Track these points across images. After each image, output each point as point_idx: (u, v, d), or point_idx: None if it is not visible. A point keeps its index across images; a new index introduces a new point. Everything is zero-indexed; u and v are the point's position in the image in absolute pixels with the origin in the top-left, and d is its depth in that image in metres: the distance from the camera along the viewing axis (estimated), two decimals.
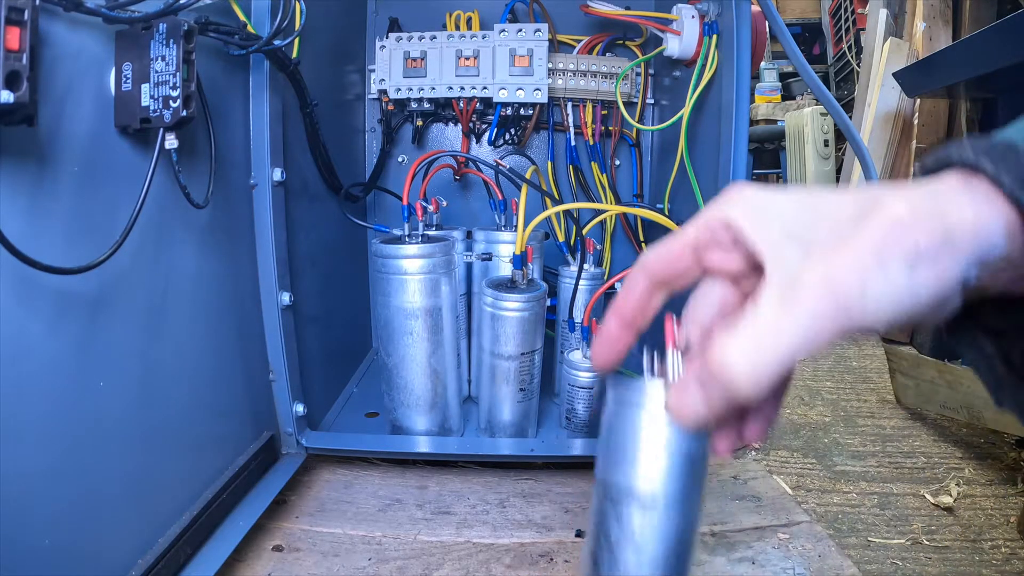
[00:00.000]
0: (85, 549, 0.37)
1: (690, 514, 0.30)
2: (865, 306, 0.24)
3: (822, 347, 0.24)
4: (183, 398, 0.47)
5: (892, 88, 1.48)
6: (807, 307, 0.24)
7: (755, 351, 0.25)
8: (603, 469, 0.31)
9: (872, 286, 0.24)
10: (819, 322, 0.24)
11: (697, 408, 0.27)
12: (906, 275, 0.24)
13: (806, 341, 0.24)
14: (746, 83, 0.55)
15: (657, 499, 0.30)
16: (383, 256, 0.61)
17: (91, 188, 0.37)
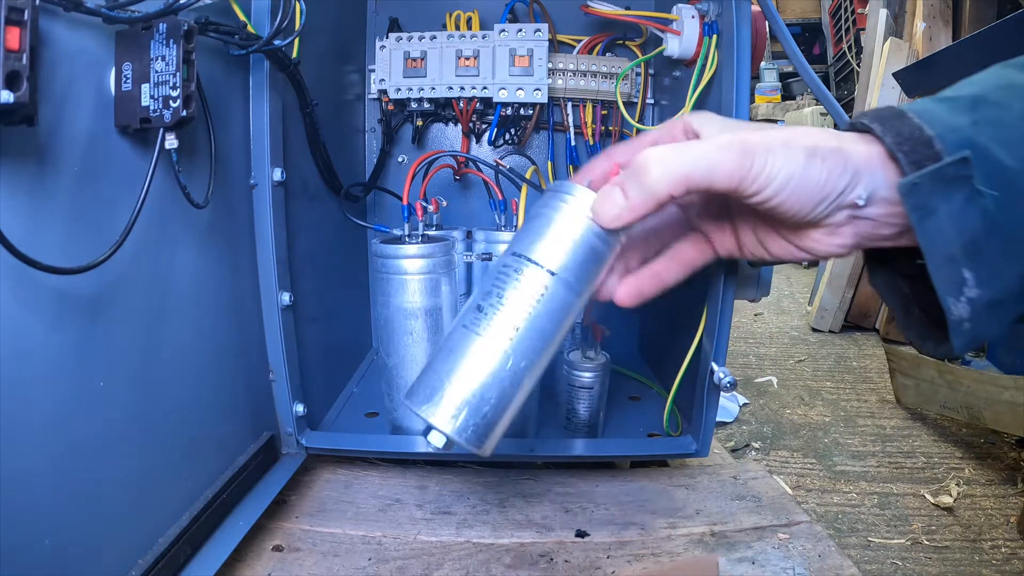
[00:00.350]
0: (85, 549, 0.37)
1: (570, 296, 0.35)
2: (765, 163, 0.32)
3: (720, 182, 0.32)
4: (183, 398, 0.47)
5: (892, 88, 1.48)
6: (720, 148, 0.32)
7: (670, 157, 0.32)
8: (518, 242, 0.36)
9: (775, 155, 0.32)
10: (725, 159, 0.32)
11: (614, 209, 0.34)
12: (803, 158, 0.32)
13: (712, 166, 0.32)
14: (746, 83, 0.55)
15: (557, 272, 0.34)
16: (383, 256, 0.61)
17: (91, 188, 0.37)
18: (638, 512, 0.59)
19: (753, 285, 0.63)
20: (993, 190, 0.30)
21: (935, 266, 0.31)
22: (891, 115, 0.33)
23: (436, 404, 0.34)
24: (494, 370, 0.34)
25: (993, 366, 1.39)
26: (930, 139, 0.31)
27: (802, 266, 2.47)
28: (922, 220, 0.31)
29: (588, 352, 0.64)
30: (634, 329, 0.96)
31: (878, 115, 0.33)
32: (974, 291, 0.30)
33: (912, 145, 0.31)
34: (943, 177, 0.30)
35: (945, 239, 0.31)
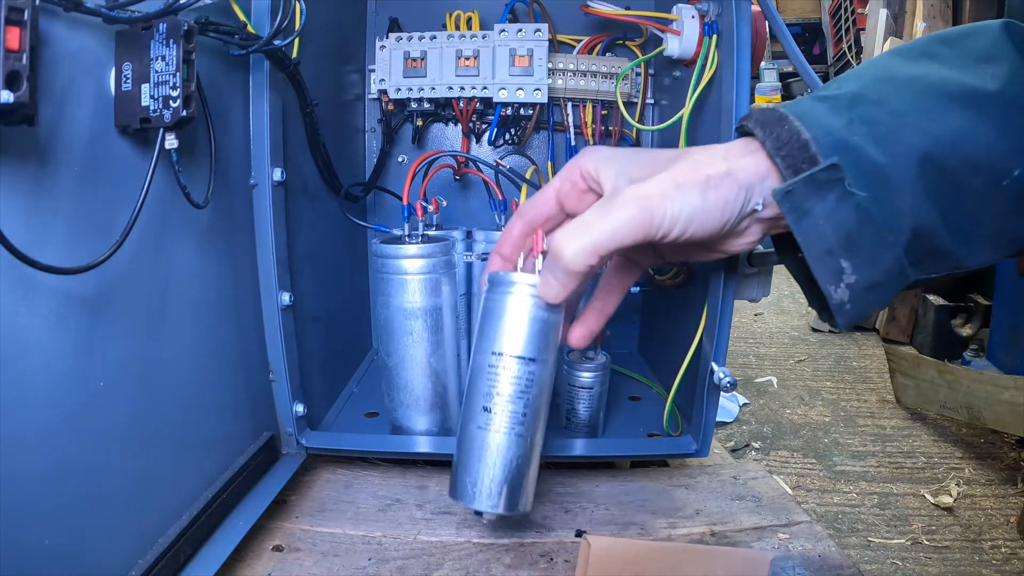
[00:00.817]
0: (85, 549, 0.37)
1: (546, 368, 0.42)
2: (665, 211, 0.35)
3: (628, 241, 0.36)
4: (183, 398, 0.47)
5: None
6: (619, 209, 0.36)
7: (577, 238, 0.36)
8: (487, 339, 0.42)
9: (671, 200, 0.35)
10: (627, 220, 0.35)
11: (551, 290, 0.39)
12: (698, 195, 0.35)
13: (616, 232, 0.36)
14: (746, 83, 0.55)
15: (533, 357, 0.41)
16: (383, 256, 0.61)
17: (91, 188, 0.37)
18: (638, 512, 0.59)
19: (753, 285, 0.63)
20: (865, 187, 0.33)
21: (813, 259, 0.34)
22: (773, 119, 0.36)
23: (484, 495, 0.42)
24: (517, 453, 0.42)
25: (993, 366, 1.39)
26: (806, 143, 0.34)
27: None
28: (798, 221, 0.34)
29: (588, 352, 0.65)
30: (634, 329, 0.96)
31: (760, 119, 0.36)
32: (852, 278, 0.34)
33: (789, 150, 0.34)
34: (816, 182, 0.33)
35: (821, 236, 0.34)
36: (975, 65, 0.34)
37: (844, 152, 0.33)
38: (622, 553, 0.41)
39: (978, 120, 0.33)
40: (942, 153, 0.33)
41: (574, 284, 0.39)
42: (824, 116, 0.35)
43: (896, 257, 0.34)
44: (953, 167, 0.33)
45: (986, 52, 0.35)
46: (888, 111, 0.34)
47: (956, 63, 0.35)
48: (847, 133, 0.34)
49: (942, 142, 0.33)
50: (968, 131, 0.33)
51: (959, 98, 0.33)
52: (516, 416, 0.41)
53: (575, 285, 0.39)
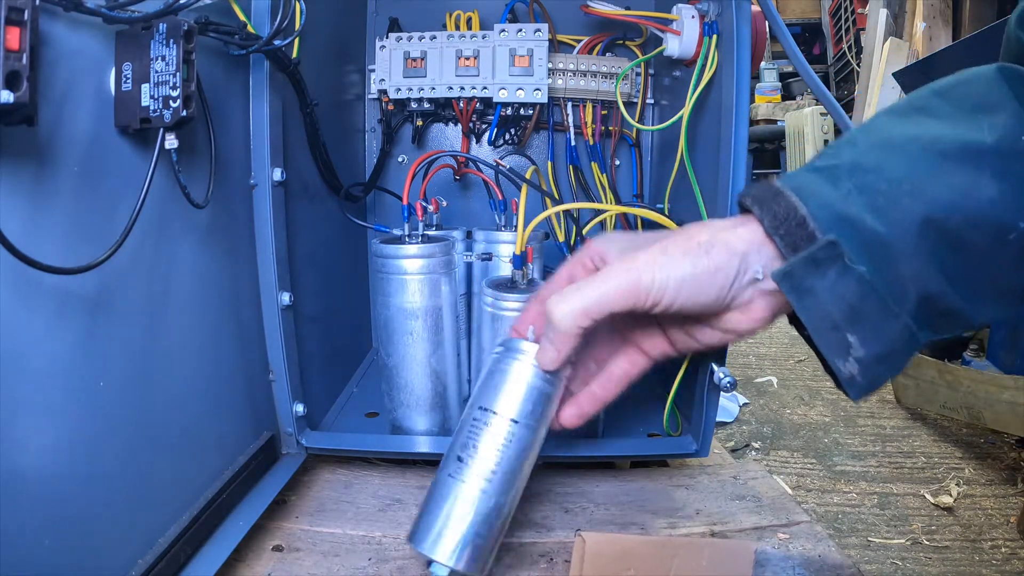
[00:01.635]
0: (85, 549, 0.37)
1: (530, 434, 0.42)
2: (653, 277, 0.35)
3: (617, 306, 0.36)
4: (183, 398, 0.47)
5: (892, 88, 1.48)
6: (608, 277, 0.37)
7: (567, 300, 0.37)
8: (482, 396, 0.43)
9: (659, 266, 0.35)
10: (616, 285, 0.36)
11: (547, 355, 0.40)
12: (688, 261, 0.35)
13: (604, 295, 0.36)
14: (746, 83, 0.55)
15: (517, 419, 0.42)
16: (383, 256, 0.61)
17: (91, 188, 0.37)
18: (638, 512, 0.59)
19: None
20: (866, 259, 0.33)
21: (818, 336, 0.34)
22: (769, 195, 0.36)
23: (438, 544, 0.41)
24: (479, 509, 0.41)
25: (993, 366, 1.39)
26: (803, 218, 0.34)
27: None
28: (800, 300, 0.34)
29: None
30: None
31: (757, 196, 0.36)
32: (860, 351, 0.33)
33: (788, 227, 0.34)
34: (814, 260, 0.33)
35: (824, 313, 0.33)
36: (971, 116, 0.34)
37: (842, 225, 0.33)
38: (614, 549, 0.42)
39: (978, 176, 0.32)
40: (943, 215, 0.32)
41: (568, 347, 0.40)
42: (821, 188, 0.34)
43: (904, 325, 0.33)
44: (955, 228, 0.32)
45: (982, 101, 0.34)
46: (885, 178, 0.33)
47: (951, 116, 0.34)
48: (844, 204, 0.33)
49: (942, 204, 0.32)
50: (968, 189, 0.32)
51: (956, 156, 0.32)
52: (486, 472, 0.41)
53: (569, 349, 0.40)
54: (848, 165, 0.35)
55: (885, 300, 0.32)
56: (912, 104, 0.37)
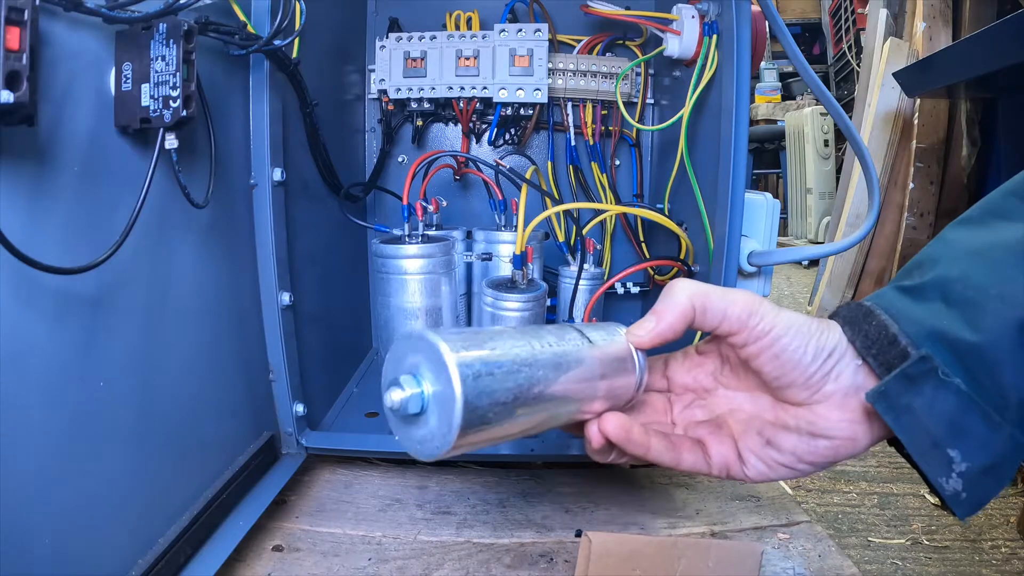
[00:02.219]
0: (85, 549, 0.37)
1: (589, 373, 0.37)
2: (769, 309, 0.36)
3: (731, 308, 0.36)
4: (183, 398, 0.47)
5: (892, 88, 1.48)
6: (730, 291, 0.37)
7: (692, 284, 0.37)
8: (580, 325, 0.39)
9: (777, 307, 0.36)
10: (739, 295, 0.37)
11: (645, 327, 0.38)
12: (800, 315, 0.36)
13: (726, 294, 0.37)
14: (746, 83, 0.55)
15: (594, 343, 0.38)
16: (383, 256, 0.61)
17: (91, 188, 0.37)
18: (638, 512, 0.60)
19: (753, 285, 0.63)
20: (962, 371, 0.32)
21: (919, 455, 0.33)
22: (859, 314, 0.36)
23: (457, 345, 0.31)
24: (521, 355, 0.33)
25: None
26: (895, 337, 0.33)
27: (802, 266, 2.47)
28: (897, 419, 0.33)
29: None
30: None
31: (848, 316, 0.36)
32: (963, 466, 0.32)
33: (880, 347, 0.34)
34: (908, 377, 0.32)
35: (924, 430, 0.32)
36: None
37: (934, 340, 0.32)
38: (621, 549, 0.42)
39: None
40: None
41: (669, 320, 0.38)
42: (910, 307, 0.34)
43: (1008, 434, 0.32)
44: None
45: None
46: (973, 287, 0.33)
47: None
48: (935, 320, 0.33)
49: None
50: None
51: None
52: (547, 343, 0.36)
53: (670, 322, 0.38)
54: (933, 282, 0.34)
55: (986, 411, 0.32)
56: (987, 209, 0.36)
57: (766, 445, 0.38)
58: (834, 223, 1.77)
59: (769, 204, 0.63)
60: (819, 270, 1.73)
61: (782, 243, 2.43)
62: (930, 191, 1.42)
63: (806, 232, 2.60)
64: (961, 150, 1.35)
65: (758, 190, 0.70)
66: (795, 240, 2.70)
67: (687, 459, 0.40)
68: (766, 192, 0.64)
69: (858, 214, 1.55)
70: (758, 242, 0.62)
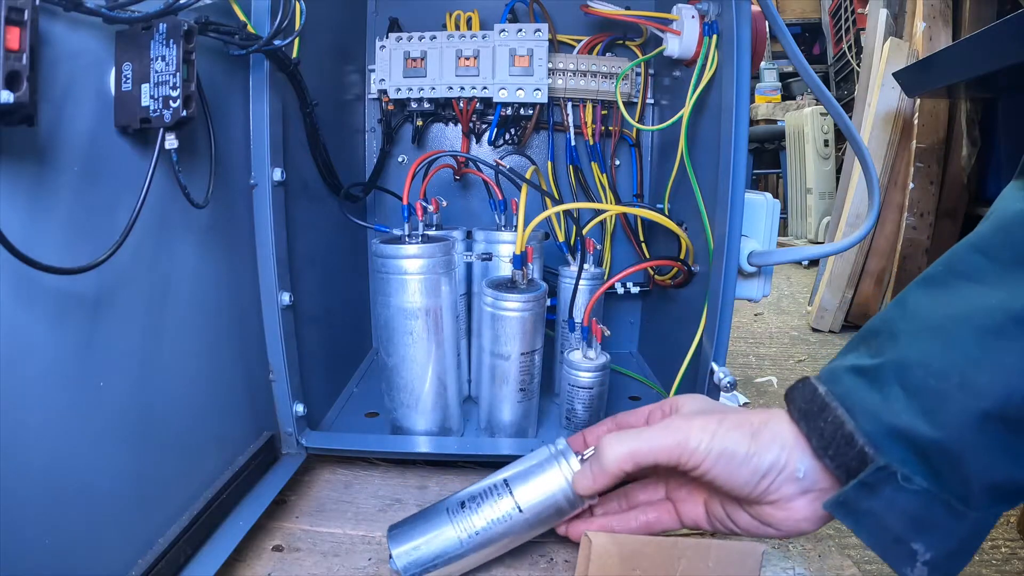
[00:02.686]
0: (85, 549, 0.37)
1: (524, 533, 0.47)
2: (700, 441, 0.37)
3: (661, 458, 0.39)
4: (183, 398, 0.47)
5: (892, 88, 1.48)
6: (664, 430, 0.39)
7: (622, 441, 0.40)
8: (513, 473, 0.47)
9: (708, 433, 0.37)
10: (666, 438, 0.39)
11: (584, 481, 0.43)
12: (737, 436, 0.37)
13: (653, 446, 0.39)
14: (746, 83, 0.55)
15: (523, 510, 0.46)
16: (383, 256, 0.61)
17: (91, 188, 0.37)
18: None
19: (753, 285, 0.63)
20: (923, 470, 0.31)
21: (882, 550, 0.33)
22: (815, 409, 0.35)
23: (402, 547, 0.46)
24: (447, 550, 0.46)
25: None
26: (851, 435, 0.33)
27: (802, 266, 2.48)
28: (858, 523, 0.33)
29: (588, 352, 0.64)
30: (634, 329, 0.96)
31: (803, 409, 0.36)
32: (927, 555, 0.31)
33: (836, 447, 0.33)
34: (866, 485, 0.32)
35: (885, 529, 0.32)
36: (1017, 273, 0.31)
37: (893, 439, 0.31)
38: (621, 549, 0.42)
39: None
40: (1000, 406, 0.29)
41: (604, 483, 0.42)
42: (866, 397, 0.33)
43: (972, 520, 0.31)
44: (1016, 412, 0.29)
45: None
46: (933, 374, 0.31)
47: (995, 279, 0.31)
48: (893, 414, 0.31)
49: (998, 394, 0.29)
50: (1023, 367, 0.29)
51: (1006, 331, 0.29)
52: (471, 529, 0.46)
53: (605, 484, 0.42)
54: (891, 364, 0.33)
55: (948, 503, 0.31)
56: (951, 268, 0.34)
57: (725, 515, 0.42)
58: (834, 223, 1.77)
59: (769, 204, 0.63)
60: (819, 270, 1.73)
61: (782, 243, 2.43)
62: (930, 191, 1.42)
63: (806, 232, 2.60)
64: (961, 150, 1.35)
65: (758, 190, 0.70)
66: (795, 240, 2.70)
67: (657, 525, 0.45)
68: (766, 192, 0.64)
69: (858, 214, 1.55)
70: (758, 242, 0.62)
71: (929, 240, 1.42)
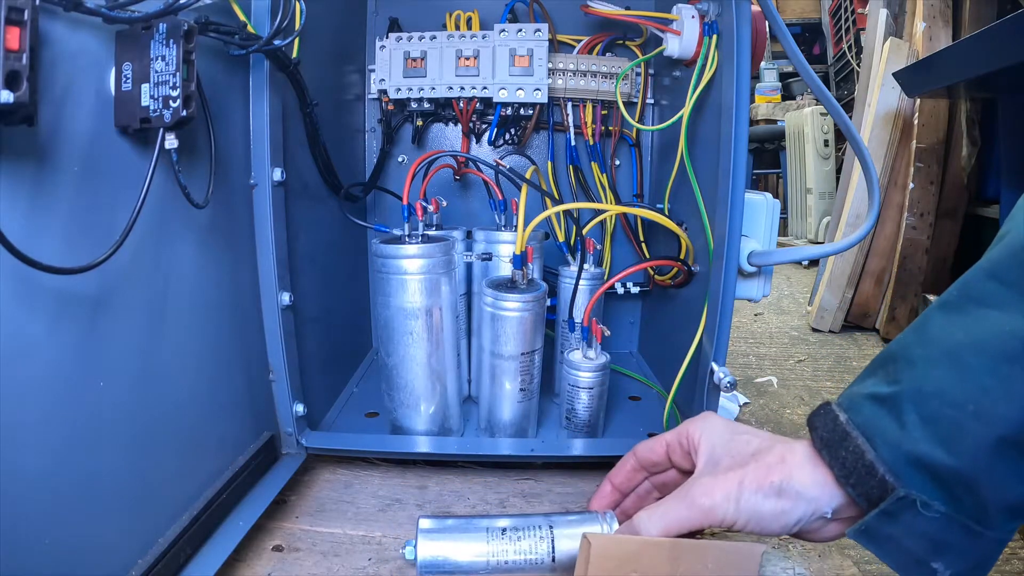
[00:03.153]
0: (85, 549, 0.37)
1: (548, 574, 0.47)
2: (726, 512, 0.39)
3: (694, 527, 0.40)
4: (183, 398, 0.47)
5: (892, 88, 1.47)
6: (690, 506, 0.40)
7: (654, 521, 0.41)
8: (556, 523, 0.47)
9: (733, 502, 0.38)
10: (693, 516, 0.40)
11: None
12: (760, 501, 0.38)
13: (683, 524, 0.40)
14: (746, 83, 0.55)
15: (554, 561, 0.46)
16: (383, 256, 0.61)
17: (91, 188, 0.37)
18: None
19: (753, 285, 0.63)
20: (942, 496, 0.32)
21: (904, 572, 0.34)
22: (836, 438, 0.36)
23: (431, 545, 0.46)
24: (474, 566, 0.46)
25: None
26: (872, 465, 0.34)
27: (802, 266, 2.47)
28: (880, 547, 0.34)
29: (588, 352, 0.64)
30: (634, 329, 0.96)
31: (825, 439, 0.37)
32: (947, 573, 0.33)
33: (857, 476, 0.35)
34: (888, 513, 0.33)
35: (906, 552, 0.33)
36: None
37: (912, 467, 0.32)
38: (620, 550, 0.42)
39: None
40: (1015, 431, 0.30)
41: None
42: (885, 426, 0.34)
43: (991, 539, 0.32)
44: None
45: None
46: (949, 402, 0.32)
47: (1010, 304, 0.32)
48: (912, 443, 0.33)
49: (1013, 420, 0.30)
50: None
51: (1021, 358, 0.30)
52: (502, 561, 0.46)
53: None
54: (909, 393, 0.34)
55: (966, 525, 0.32)
56: (966, 294, 0.34)
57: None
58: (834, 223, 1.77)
59: (769, 204, 0.63)
60: (819, 270, 1.73)
61: (782, 243, 2.43)
62: (930, 191, 1.42)
63: (806, 232, 2.60)
64: (961, 150, 1.35)
65: (758, 190, 0.70)
66: (795, 240, 2.70)
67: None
68: (766, 192, 0.64)
69: (858, 214, 1.55)
70: (758, 242, 0.62)
71: (929, 240, 1.42)
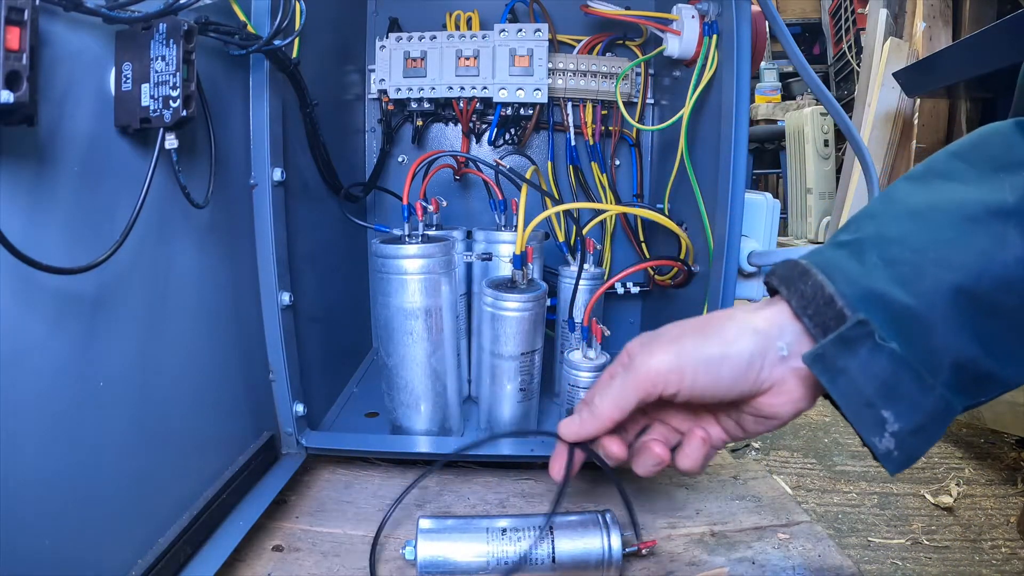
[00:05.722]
0: (85, 549, 0.37)
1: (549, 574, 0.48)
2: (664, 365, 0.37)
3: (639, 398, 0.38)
4: (183, 398, 0.47)
5: (892, 88, 1.47)
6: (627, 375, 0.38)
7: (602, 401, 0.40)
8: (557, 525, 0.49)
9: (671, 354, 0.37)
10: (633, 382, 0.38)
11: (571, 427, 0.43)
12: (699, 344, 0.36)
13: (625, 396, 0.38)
14: (746, 83, 0.55)
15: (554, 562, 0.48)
16: (383, 256, 0.61)
17: (91, 188, 0.37)
18: (639, 512, 0.59)
19: (753, 285, 0.63)
20: (896, 335, 0.32)
21: (853, 415, 0.33)
22: (796, 274, 0.36)
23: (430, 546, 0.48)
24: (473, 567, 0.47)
25: None
26: (831, 297, 0.34)
27: None
28: (833, 381, 0.33)
29: (588, 352, 0.64)
30: (634, 329, 0.96)
31: (783, 276, 0.36)
32: (895, 426, 0.33)
33: (815, 307, 0.34)
34: (845, 340, 0.33)
35: (857, 391, 0.33)
36: (992, 176, 0.34)
37: (870, 301, 0.33)
38: None
39: (1004, 238, 0.32)
40: (971, 282, 0.31)
41: (591, 428, 0.41)
42: (846, 264, 0.34)
43: (939, 395, 0.32)
44: (985, 292, 0.31)
45: (1002, 159, 0.34)
46: (910, 249, 0.33)
47: (972, 178, 0.34)
48: (871, 279, 0.33)
49: (969, 270, 0.32)
50: (995, 252, 0.32)
51: (980, 219, 0.32)
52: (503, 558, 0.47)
53: (592, 430, 0.41)
54: (871, 238, 0.35)
55: (919, 373, 0.32)
56: (931, 169, 0.36)
57: (738, 428, 0.41)
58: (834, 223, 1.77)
59: (769, 204, 0.63)
60: None
61: (782, 243, 2.43)
62: None
63: (806, 232, 2.59)
64: None
65: (758, 190, 0.70)
66: (795, 240, 2.70)
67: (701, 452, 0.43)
68: (766, 192, 0.64)
69: None
70: (758, 242, 0.62)
71: None
